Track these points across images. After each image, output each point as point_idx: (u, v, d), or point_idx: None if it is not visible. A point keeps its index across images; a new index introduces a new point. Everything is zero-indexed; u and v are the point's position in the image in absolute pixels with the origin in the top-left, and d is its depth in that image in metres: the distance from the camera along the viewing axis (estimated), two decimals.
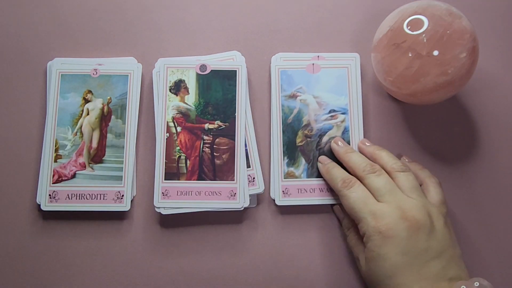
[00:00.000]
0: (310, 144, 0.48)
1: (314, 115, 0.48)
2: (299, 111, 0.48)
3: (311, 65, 0.49)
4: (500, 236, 0.48)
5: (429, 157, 0.50)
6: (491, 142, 0.51)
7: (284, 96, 0.49)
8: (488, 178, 0.50)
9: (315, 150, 0.48)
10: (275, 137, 0.48)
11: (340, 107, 0.48)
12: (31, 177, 0.49)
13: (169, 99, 0.49)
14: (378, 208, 0.41)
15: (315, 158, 0.48)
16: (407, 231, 0.39)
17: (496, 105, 0.52)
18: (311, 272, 0.47)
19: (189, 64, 0.50)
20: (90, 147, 0.49)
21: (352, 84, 0.49)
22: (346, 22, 0.54)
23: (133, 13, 0.54)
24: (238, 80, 0.49)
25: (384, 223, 0.40)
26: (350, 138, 0.48)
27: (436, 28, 0.43)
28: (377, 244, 0.40)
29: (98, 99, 0.50)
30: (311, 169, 0.47)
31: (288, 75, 0.49)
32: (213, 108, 0.48)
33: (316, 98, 0.49)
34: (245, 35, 0.53)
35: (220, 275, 0.47)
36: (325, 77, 0.49)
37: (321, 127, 0.48)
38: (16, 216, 0.48)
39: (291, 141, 0.48)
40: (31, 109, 0.51)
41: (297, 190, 0.47)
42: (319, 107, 0.48)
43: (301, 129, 0.48)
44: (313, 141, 0.48)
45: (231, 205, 0.47)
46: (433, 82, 0.44)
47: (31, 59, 0.52)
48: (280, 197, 0.47)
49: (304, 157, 0.48)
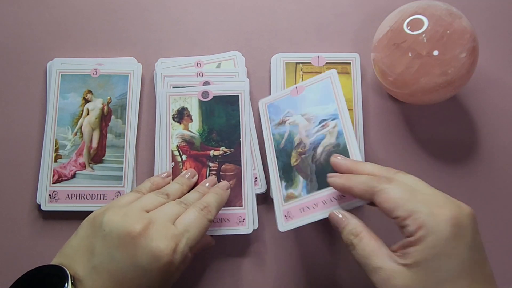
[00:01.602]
0: (306, 160, 0.45)
1: (305, 132, 0.46)
2: (290, 133, 0.47)
3: (294, 89, 0.48)
4: (500, 235, 0.49)
5: (429, 157, 0.50)
6: (491, 142, 0.51)
7: (274, 125, 0.48)
8: (488, 178, 0.50)
9: (311, 164, 0.45)
10: (271, 165, 0.46)
11: (330, 114, 0.46)
12: (31, 177, 0.49)
13: (173, 127, 0.48)
14: (431, 197, 0.34)
15: (313, 172, 0.44)
16: (470, 219, 0.33)
17: (496, 105, 0.52)
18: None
19: (192, 92, 0.49)
20: (90, 147, 0.49)
21: (338, 91, 0.46)
22: (346, 22, 0.54)
23: (133, 13, 0.54)
24: (241, 104, 0.49)
25: (448, 211, 0.33)
26: (346, 140, 0.44)
27: (436, 28, 0.43)
28: (443, 237, 0.32)
29: (98, 99, 0.50)
30: (310, 184, 0.44)
31: (275, 106, 0.48)
32: (217, 134, 0.48)
33: (304, 115, 0.47)
34: (245, 35, 0.53)
35: (222, 278, 0.47)
36: (309, 94, 0.47)
37: (314, 139, 0.45)
38: (16, 216, 0.48)
39: (286, 163, 0.46)
40: (31, 109, 0.51)
41: (299, 210, 0.44)
42: (308, 122, 0.46)
43: (294, 149, 0.46)
44: (307, 156, 0.45)
45: (240, 231, 0.46)
46: (433, 82, 0.44)
47: (31, 59, 0.52)
48: (282, 222, 0.44)
49: (302, 175, 0.45)
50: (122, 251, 0.35)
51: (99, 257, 0.35)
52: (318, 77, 0.47)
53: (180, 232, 0.37)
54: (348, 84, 0.51)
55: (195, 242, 0.38)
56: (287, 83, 0.51)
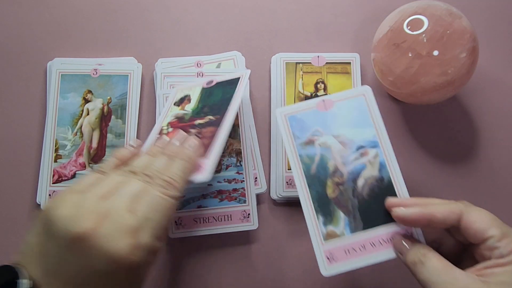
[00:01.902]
0: (345, 193, 0.40)
1: (340, 158, 0.40)
2: (321, 157, 0.41)
3: (321, 102, 0.42)
4: None
5: (429, 157, 0.50)
6: (491, 142, 0.51)
7: (300, 144, 0.41)
8: (488, 178, 0.50)
9: (352, 199, 0.39)
10: (302, 194, 0.40)
11: (368, 141, 0.41)
12: (31, 177, 0.49)
13: (171, 110, 0.47)
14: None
15: (355, 208, 0.39)
16: None
17: (496, 105, 0.52)
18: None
19: (199, 83, 0.48)
20: (90, 147, 0.49)
21: (375, 113, 0.41)
22: (346, 22, 0.54)
23: (133, 13, 0.54)
24: (240, 83, 0.46)
25: None
26: (391, 174, 0.40)
27: (436, 28, 0.43)
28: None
29: (98, 99, 0.50)
30: (354, 221, 0.39)
31: (298, 119, 0.42)
32: (209, 108, 0.45)
33: (338, 138, 0.41)
34: (245, 35, 0.53)
35: (221, 277, 0.47)
36: (341, 111, 0.42)
37: (352, 169, 0.40)
38: (16, 216, 0.48)
39: (321, 194, 0.40)
40: (31, 109, 0.51)
41: (344, 252, 0.38)
42: (343, 147, 0.41)
43: (329, 178, 0.40)
44: (347, 188, 0.40)
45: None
46: (433, 82, 0.44)
47: (31, 59, 0.52)
48: (325, 265, 0.38)
49: (342, 210, 0.39)
50: (74, 253, 0.30)
51: (52, 260, 0.31)
52: (349, 93, 0.42)
53: (140, 223, 0.32)
54: (348, 84, 0.51)
55: (161, 230, 0.34)
56: (287, 83, 0.51)
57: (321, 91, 0.51)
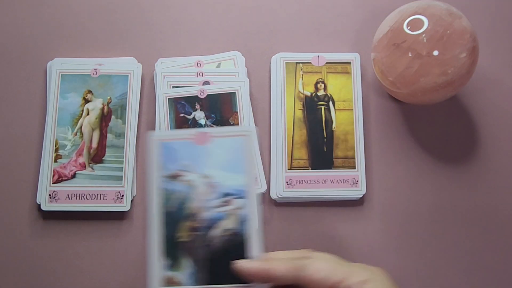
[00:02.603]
0: (198, 240, 0.37)
1: (202, 202, 0.37)
2: (183, 196, 0.37)
3: (199, 134, 0.38)
4: (500, 236, 0.48)
5: (429, 157, 0.50)
6: (491, 142, 0.51)
7: (165, 176, 0.38)
8: (488, 178, 0.50)
9: (205, 248, 0.36)
10: (151, 230, 0.37)
11: (236, 189, 0.37)
12: (31, 177, 0.49)
13: None
14: (353, 265, 0.37)
15: (207, 259, 0.36)
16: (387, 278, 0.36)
17: (496, 105, 0.52)
18: None
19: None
20: (90, 147, 0.49)
21: (251, 159, 0.38)
22: (346, 22, 0.54)
23: (133, 13, 0.54)
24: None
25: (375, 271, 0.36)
26: (249, 230, 0.37)
27: (436, 28, 0.43)
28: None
29: (98, 99, 0.50)
30: (200, 273, 0.36)
31: (170, 148, 0.38)
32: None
33: (206, 178, 0.38)
34: (245, 35, 0.53)
35: None
36: (217, 149, 0.38)
37: (211, 216, 0.37)
38: (16, 216, 0.48)
39: (172, 235, 0.37)
40: (31, 109, 0.51)
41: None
42: (209, 189, 0.37)
43: (185, 220, 0.37)
44: (201, 236, 0.37)
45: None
46: (433, 82, 0.44)
47: (31, 59, 0.52)
48: None
49: (191, 257, 0.36)
50: None
51: None
52: (231, 130, 0.40)
53: None
54: (348, 84, 0.51)
55: None
56: (287, 83, 0.51)
57: (321, 91, 0.51)
